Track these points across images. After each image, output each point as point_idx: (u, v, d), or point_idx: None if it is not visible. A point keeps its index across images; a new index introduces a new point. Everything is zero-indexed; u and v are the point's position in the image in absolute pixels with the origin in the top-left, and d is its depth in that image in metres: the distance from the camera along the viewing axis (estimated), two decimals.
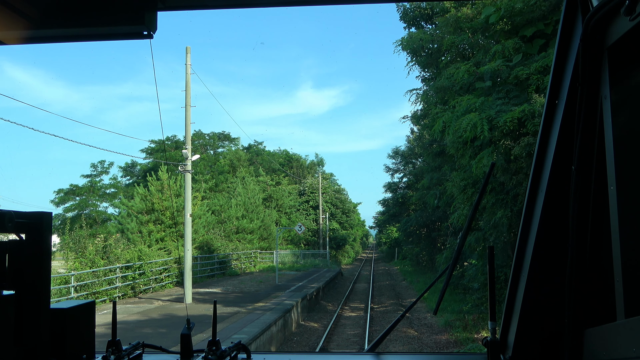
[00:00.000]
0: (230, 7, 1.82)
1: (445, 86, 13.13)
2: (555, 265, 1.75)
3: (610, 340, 1.45)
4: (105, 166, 48.88)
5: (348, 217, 68.65)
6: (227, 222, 44.91)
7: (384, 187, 50.18)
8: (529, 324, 1.81)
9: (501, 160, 11.38)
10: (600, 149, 1.55)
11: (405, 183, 47.50)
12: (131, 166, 56.41)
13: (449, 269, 2.09)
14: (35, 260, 1.45)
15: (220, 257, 36.05)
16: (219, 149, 69.01)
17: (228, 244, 40.63)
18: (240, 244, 43.34)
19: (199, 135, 66.81)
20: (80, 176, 49.96)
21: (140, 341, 1.93)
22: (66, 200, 46.83)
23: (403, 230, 43.18)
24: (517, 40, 11.81)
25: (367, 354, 2.11)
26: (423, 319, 21.86)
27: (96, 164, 48.25)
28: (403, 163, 46.48)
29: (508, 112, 10.63)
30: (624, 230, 1.41)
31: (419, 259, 44.95)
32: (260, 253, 46.10)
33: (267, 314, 16.91)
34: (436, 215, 30.65)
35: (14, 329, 1.38)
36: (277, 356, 2.24)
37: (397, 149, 47.17)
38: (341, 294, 30.81)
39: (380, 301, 27.85)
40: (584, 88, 1.55)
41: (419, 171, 38.23)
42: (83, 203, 46.85)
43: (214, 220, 43.89)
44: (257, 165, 62.44)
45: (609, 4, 1.39)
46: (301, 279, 31.49)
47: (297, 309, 19.87)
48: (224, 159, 62.58)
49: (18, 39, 1.77)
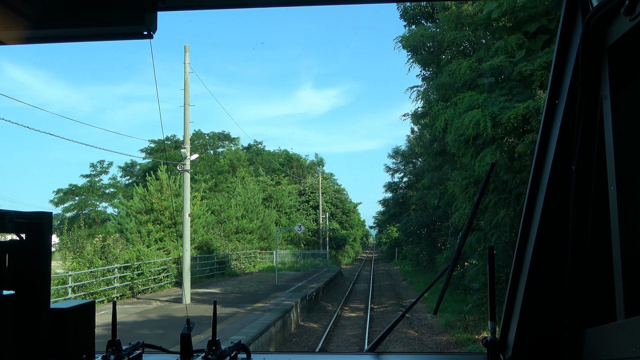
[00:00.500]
0: (230, 7, 1.83)
1: (447, 83, 12.94)
2: (555, 265, 1.75)
3: (610, 340, 1.45)
4: (104, 166, 48.73)
5: (348, 217, 68.48)
6: (227, 222, 44.75)
7: (384, 187, 50.06)
8: (529, 324, 1.82)
9: (504, 159, 11.20)
10: (600, 149, 1.55)
11: (405, 183, 47.31)
12: (131, 166, 56.27)
13: (449, 269, 2.10)
14: (35, 260, 1.46)
15: (220, 257, 35.87)
16: (219, 148, 68.91)
17: (227, 244, 40.46)
18: (239, 244, 43.16)
19: (199, 135, 66.65)
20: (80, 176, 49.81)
21: (140, 341, 1.93)
22: (65, 200, 46.66)
23: (403, 230, 43.03)
24: (520, 36, 11.62)
25: (367, 354, 2.12)
26: (423, 319, 21.71)
27: (95, 164, 48.10)
28: (403, 163, 46.29)
29: (512, 109, 10.43)
30: (624, 230, 1.41)
31: (419, 259, 44.81)
32: (260, 253, 45.93)
33: (266, 314, 16.73)
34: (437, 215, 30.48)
35: (14, 329, 1.37)
36: (277, 356, 2.24)
37: (397, 148, 47.04)
38: (341, 294, 30.64)
39: (380, 301, 27.68)
40: (584, 88, 1.55)
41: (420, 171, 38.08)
42: (82, 203, 46.66)
43: (214, 220, 43.73)
44: (257, 165, 62.28)
45: (609, 4, 1.39)
46: (301, 279, 31.31)
47: (297, 309, 19.70)
48: (223, 159, 62.42)
49: (18, 39, 1.78)
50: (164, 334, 13.77)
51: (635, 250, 1.40)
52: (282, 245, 52.60)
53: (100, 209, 47.66)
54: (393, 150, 47.39)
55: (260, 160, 64.96)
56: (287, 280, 31.00)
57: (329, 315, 22.80)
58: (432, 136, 19.24)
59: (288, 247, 53.58)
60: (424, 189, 28.03)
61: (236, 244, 42.43)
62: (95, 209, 47.29)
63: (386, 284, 38.29)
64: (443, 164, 19.57)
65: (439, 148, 19.99)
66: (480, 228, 16.80)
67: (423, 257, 43.52)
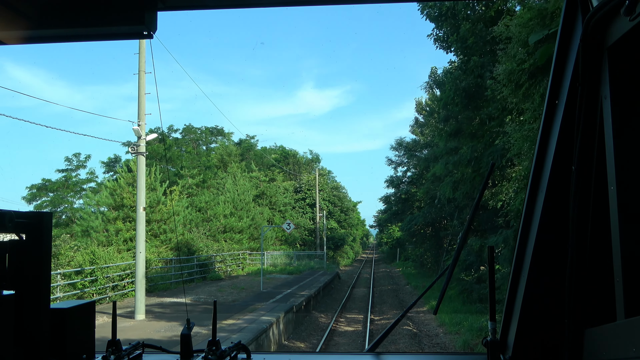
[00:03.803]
0: (230, 7, 1.81)
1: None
2: (555, 265, 1.75)
3: (610, 340, 1.44)
4: (81, 160, 44.74)
5: (347, 215, 64.62)
6: (214, 220, 40.94)
7: (386, 182, 45.97)
8: (529, 324, 1.81)
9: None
10: (600, 149, 1.54)
11: (409, 177, 43.31)
12: (114, 161, 52.51)
13: (449, 269, 2.05)
14: (35, 260, 1.47)
15: (202, 259, 31.98)
16: (211, 144, 65.60)
17: (213, 244, 36.65)
18: (226, 244, 39.33)
19: (190, 129, 63.28)
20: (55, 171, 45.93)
21: (140, 341, 1.92)
22: (38, 196, 42.77)
23: (407, 230, 39.53)
24: None
25: (367, 354, 2.11)
26: (434, 336, 18.42)
27: (71, 158, 44.07)
28: (407, 156, 42.21)
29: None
30: (624, 230, 1.41)
31: (423, 260, 41.93)
32: (250, 254, 41.99)
33: (233, 337, 12.89)
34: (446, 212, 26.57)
35: (14, 329, 1.37)
36: (277, 356, 2.24)
37: (400, 140, 42.91)
38: (337, 301, 26.87)
39: (381, 311, 23.91)
40: (584, 88, 1.55)
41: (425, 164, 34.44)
42: (56, 200, 42.74)
43: (199, 218, 39.96)
44: (249, 161, 58.53)
45: (609, 4, 1.38)
46: (291, 285, 27.48)
47: (279, 325, 15.87)
48: (214, 154, 58.79)
49: (18, 39, 1.77)
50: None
51: (635, 250, 1.39)
52: (275, 246, 48.77)
53: (78, 206, 43.79)
54: (396, 141, 43.33)
55: (252, 155, 61.15)
56: (275, 285, 27.17)
57: (321, 330, 19.11)
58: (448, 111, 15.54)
59: (282, 248, 49.70)
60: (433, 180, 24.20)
61: (222, 244, 38.60)
62: (71, 206, 43.40)
63: (388, 289, 34.69)
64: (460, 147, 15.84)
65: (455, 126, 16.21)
66: (510, 225, 13.16)
67: (427, 259, 40.97)
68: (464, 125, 15.46)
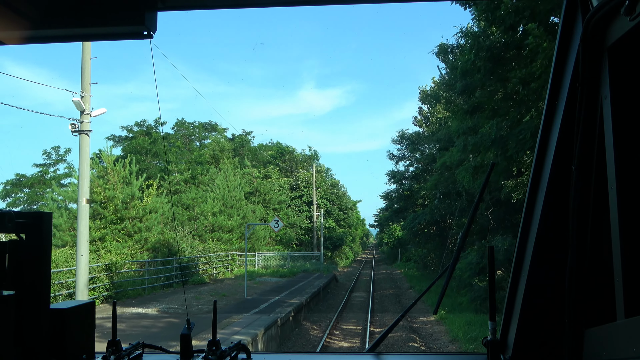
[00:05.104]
0: (231, 7, 1.80)
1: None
2: (555, 265, 1.74)
3: (610, 340, 1.44)
4: (60, 153, 41.67)
5: (346, 214, 61.50)
6: (201, 219, 37.86)
7: (388, 176, 42.78)
8: (529, 324, 1.80)
9: None
10: (600, 149, 1.54)
11: (412, 173, 40.17)
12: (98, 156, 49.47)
13: (449, 269, 2.04)
14: (35, 260, 1.45)
15: (184, 261, 28.90)
16: (205, 140, 62.67)
17: (198, 244, 33.58)
18: (214, 244, 36.26)
19: (182, 124, 60.32)
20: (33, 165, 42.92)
21: (140, 341, 1.90)
22: (12, 192, 39.70)
23: (409, 229, 36.58)
24: None
25: (367, 354, 2.10)
26: (444, 347, 16.08)
27: (49, 151, 41.03)
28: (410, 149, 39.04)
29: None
30: (624, 230, 1.40)
31: (426, 261, 39.08)
32: (240, 255, 38.89)
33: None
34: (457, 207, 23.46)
35: (14, 329, 1.36)
36: (277, 356, 2.23)
37: (402, 132, 39.70)
38: (333, 309, 23.80)
39: (383, 321, 20.87)
40: (584, 88, 1.54)
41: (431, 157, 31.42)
42: (32, 196, 39.66)
43: (184, 216, 36.91)
44: (242, 157, 55.49)
45: (609, 4, 1.38)
46: (280, 291, 24.40)
47: (256, 346, 12.81)
48: (206, 150, 55.78)
49: (18, 39, 1.75)
50: None
51: (635, 250, 1.38)
52: (268, 246, 45.69)
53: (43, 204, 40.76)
54: (398, 134, 40.16)
55: (246, 151, 58.08)
56: (263, 291, 24.11)
57: (311, 346, 16.19)
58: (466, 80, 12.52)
59: (276, 248, 46.62)
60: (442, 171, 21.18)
61: (210, 244, 35.52)
62: (48, 203, 40.31)
63: (389, 293, 31.68)
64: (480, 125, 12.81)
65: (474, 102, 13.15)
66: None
67: (430, 260, 38.06)
68: (486, 98, 12.49)
